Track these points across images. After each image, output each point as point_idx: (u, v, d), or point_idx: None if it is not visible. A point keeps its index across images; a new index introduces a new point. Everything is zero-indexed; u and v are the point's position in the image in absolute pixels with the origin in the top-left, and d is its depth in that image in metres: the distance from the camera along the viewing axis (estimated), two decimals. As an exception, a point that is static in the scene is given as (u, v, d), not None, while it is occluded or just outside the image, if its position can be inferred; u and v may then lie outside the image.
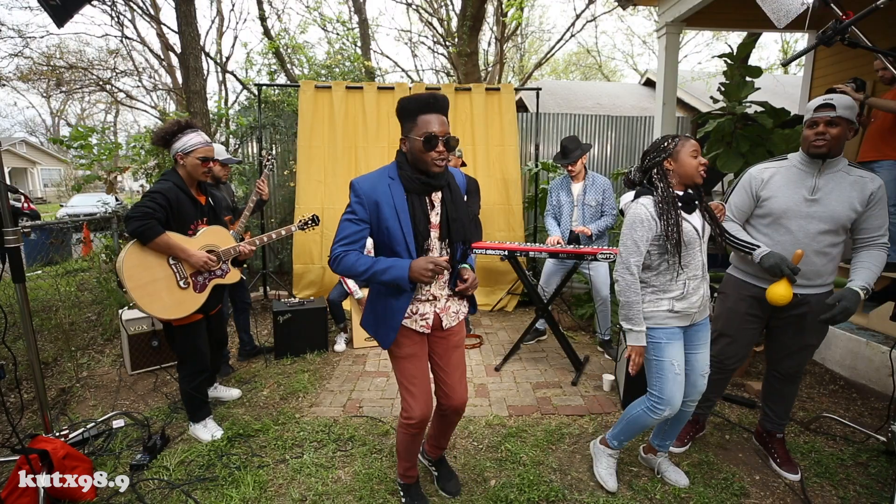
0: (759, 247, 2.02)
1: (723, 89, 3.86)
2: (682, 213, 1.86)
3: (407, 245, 1.68)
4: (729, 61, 3.78)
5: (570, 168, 3.66)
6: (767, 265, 1.96)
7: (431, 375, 1.90)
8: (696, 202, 1.90)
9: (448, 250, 1.76)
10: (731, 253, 2.24)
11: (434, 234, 1.73)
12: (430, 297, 1.79)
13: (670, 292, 1.89)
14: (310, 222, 3.07)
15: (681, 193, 1.88)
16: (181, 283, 2.35)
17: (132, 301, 2.21)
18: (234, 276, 2.62)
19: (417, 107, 1.64)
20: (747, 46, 3.73)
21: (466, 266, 1.81)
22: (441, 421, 2.03)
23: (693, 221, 1.88)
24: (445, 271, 1.61)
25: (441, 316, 1.82)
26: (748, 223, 2.15)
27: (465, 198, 1.85)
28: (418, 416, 1.77)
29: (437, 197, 1.74)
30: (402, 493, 2.05)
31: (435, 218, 1.73)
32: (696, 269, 1.89)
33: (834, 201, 1.93)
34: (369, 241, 2.11)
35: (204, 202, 2.51)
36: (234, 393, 2.99)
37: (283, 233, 2.98)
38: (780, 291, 1.91)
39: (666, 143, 1.89)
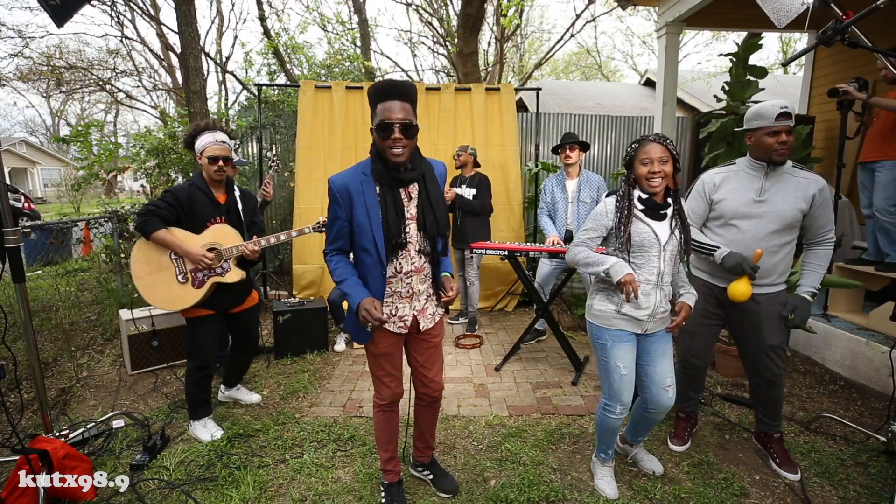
0: (718, 248, 2.08)
1: (727, 89, 3.86)
2: (645, 217, 1.85)
3: (375, 242, 1.69)
4: (734, 60, 3.79)
5: (566, 154, 3.65)
6: (729, 265, 2.03)
7: (409, 368, 1.99)
8: (665, 211, 1.86)
9: (425, 244, 1.77)
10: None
11: (412, 225, 1.73)
12: (409, 294, 1.80)
13: (620, 292, 1.85)
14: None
15: (645, 197, 1.85)
16: (180, 277, 2.46)
17: (137, 292, 2.43)
18: (233, 275, 2.58)
19: (375, 95, 1.60)
20: (753, 47, 3.73)
21: (448, 275, 1.86)
22: (423, 413, 2.07)
23: (655, 227, 1.84)
24: (380, 321, 1.65)
25: (419, 318, 1.85)
26: (704, 226, 2.25)
27: (442, 186, 1.86)
28: (388, 397, 1.92)
29: (413, 189, 1.74)
30: (383, 493, 2.05)
31: (413, 210, 1.74)
32: (650, 274, 1.85)
33: (780, 201, 2.02)
34: None
35: (224, 201, 2.55)
36: (255, 398, 2.95)
37: (295, 234, 2.88)
38: (741, 289, 2.01)
39: (629, 148, 1.89)
